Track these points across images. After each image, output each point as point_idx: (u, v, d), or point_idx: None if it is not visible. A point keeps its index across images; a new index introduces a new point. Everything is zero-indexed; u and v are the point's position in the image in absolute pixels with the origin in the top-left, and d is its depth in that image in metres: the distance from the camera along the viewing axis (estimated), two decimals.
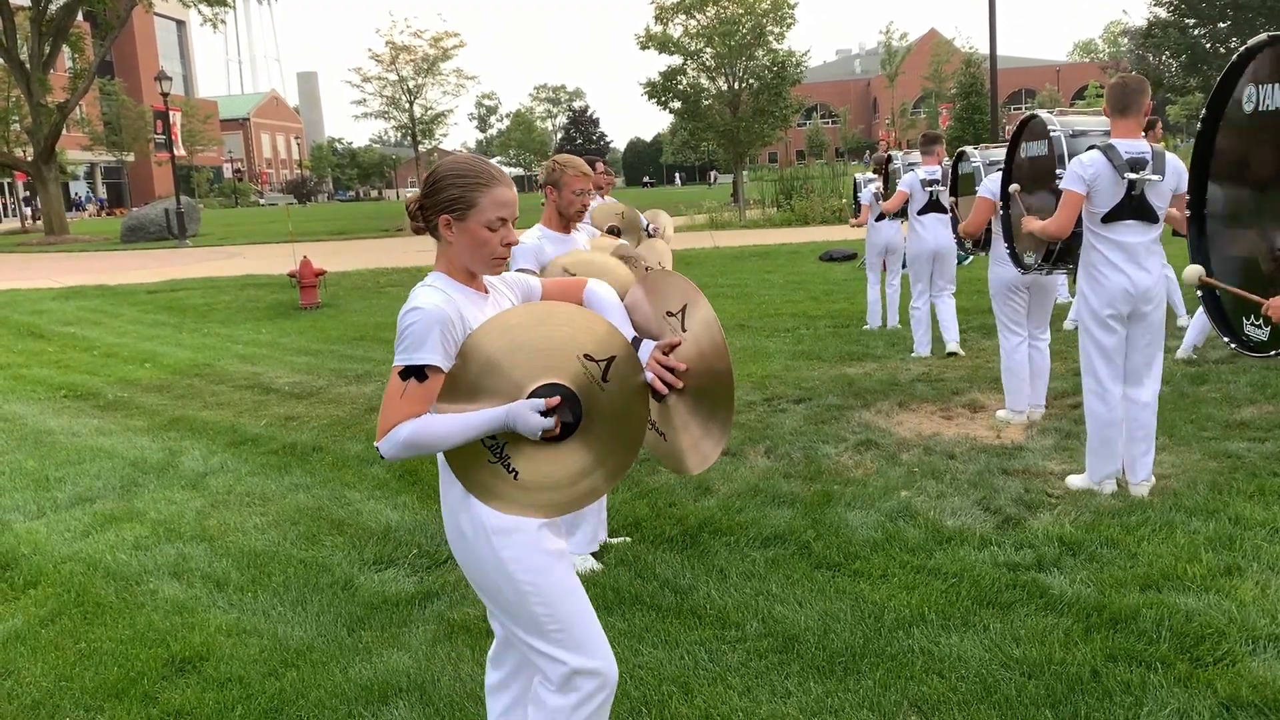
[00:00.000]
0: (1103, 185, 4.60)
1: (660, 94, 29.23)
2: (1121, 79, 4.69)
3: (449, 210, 2.24)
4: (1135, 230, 4.65)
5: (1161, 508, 4.63)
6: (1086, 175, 4.59)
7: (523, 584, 2.26)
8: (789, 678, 3.31)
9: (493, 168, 2.28)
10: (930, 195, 8.23)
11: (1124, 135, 4.64)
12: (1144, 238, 4.65)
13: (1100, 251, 4.70)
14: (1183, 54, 29.41)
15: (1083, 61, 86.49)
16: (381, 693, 3.35)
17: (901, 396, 7.09)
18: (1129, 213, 4.62)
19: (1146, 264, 4.67)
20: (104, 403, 8.31)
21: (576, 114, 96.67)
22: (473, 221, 2.23)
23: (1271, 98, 3.30)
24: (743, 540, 4.52)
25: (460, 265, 2.28)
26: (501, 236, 2.25)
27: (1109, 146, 4.61)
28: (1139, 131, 4.66)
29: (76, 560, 4.73)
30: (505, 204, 2.24)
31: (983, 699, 3.12)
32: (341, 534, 4.91)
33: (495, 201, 2.23)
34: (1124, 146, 4.59)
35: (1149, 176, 4.56)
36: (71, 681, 3.56)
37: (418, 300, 2.19)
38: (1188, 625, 3.48)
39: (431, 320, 2.15)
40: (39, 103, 31.81)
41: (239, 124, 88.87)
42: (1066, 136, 5.14)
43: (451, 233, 2.24)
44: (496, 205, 2.23)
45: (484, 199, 2.23)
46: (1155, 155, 4.61)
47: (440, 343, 2.16)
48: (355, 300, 14.48)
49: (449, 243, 2.26)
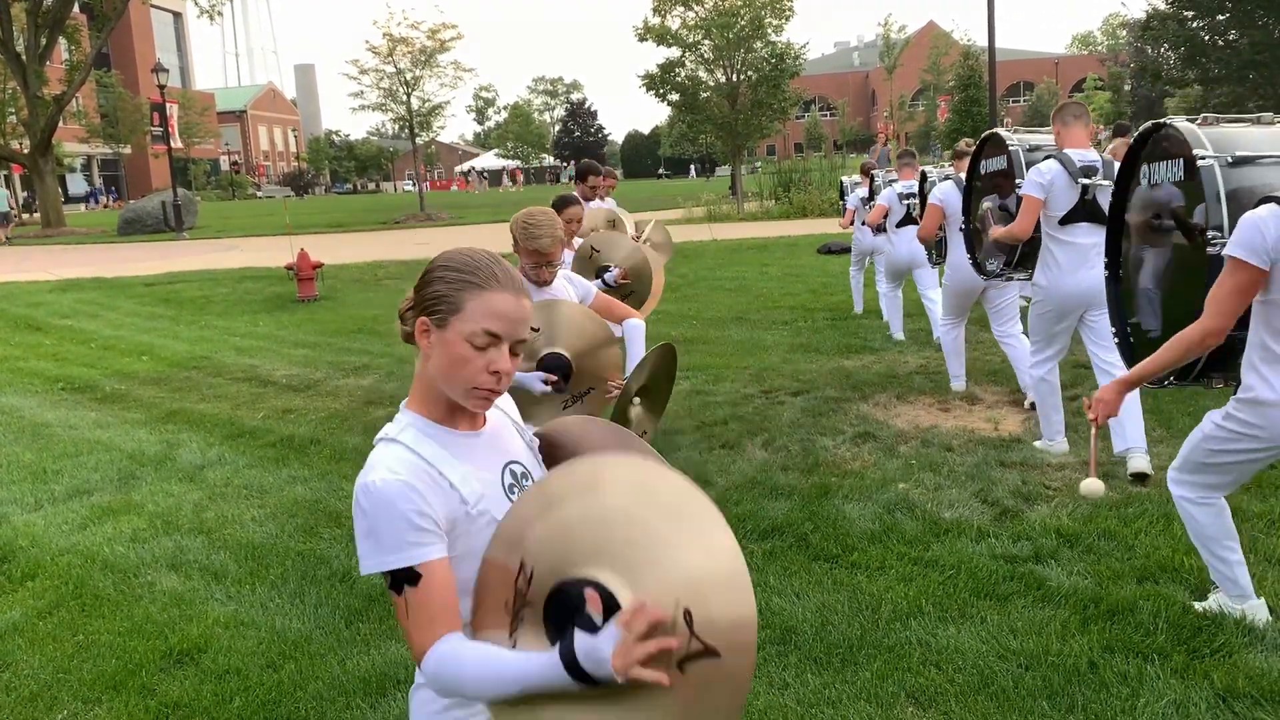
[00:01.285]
0: (1059, 190, 5.06)
1: (658, 86, 29.14)
2: (1065, 100, 5.45)
3: (428, 311, 1.66)
4: (1087, 232, 5.04)
5: (1159, 500, 4.63)
6: (1044, 181, 5.05)
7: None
8: (786, 669, 3.32)
9: (499, 268, 1.67)
10: (907, 209, 8.65)
11: (1075, 145, 5.17)
12: (1094, 239, 5.00)
13: (1054, 252, 5.13)
14: (1181, 46, 29.34)
15: (1081, 54, 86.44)
16: (379, 684, 3.36)
17: (899, 389, 7.09)
18: (1082, 215, 5.07)
19: (1097, 263, 4.89)
20: (101, 395, 8.30)
21: (574, 106, 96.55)
22: (453, 330, 1.63)
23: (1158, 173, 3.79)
24: (740, 532, 4.52)
25: (435, 394, 1.68)
26: (488, 361, 1.63)
27: (1064, 156, 5.09)
28: (1088, 143, 5.16)
29: (74, 553, 4.73)
30: (500, 316, 1.63)
31: (980, 690, 3.12)
32: (339, 526, 4.91)
33: (487, 310, 1.62)
34: (1077, 156, 5.08)
35: (1100, 182, 5.01)
36: (69, 673, 3.57)
37: (371, 472, 1.60)
38: (1184, 617, 3.49)
39: (391, 507, 1.56)
40: (35, 95, 31.69)
41: (236, 116, 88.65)
42: (1023, 150, 5.61)
43: (428, 342, 1.66)
44: (487, 315, 1.62)
45: (472, 303, 1.62)
46: (1105, 164, 5.07)
47: (412, 528, 1.56)
48: (353, 293, 14.47)
49: (425, 357, 1.68)
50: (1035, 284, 5.28)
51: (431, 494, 1.59)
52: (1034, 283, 5.31)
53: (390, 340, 10.33)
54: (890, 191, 8.86)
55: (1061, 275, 5.09)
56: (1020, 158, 5.57)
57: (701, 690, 1.36)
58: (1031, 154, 5.55)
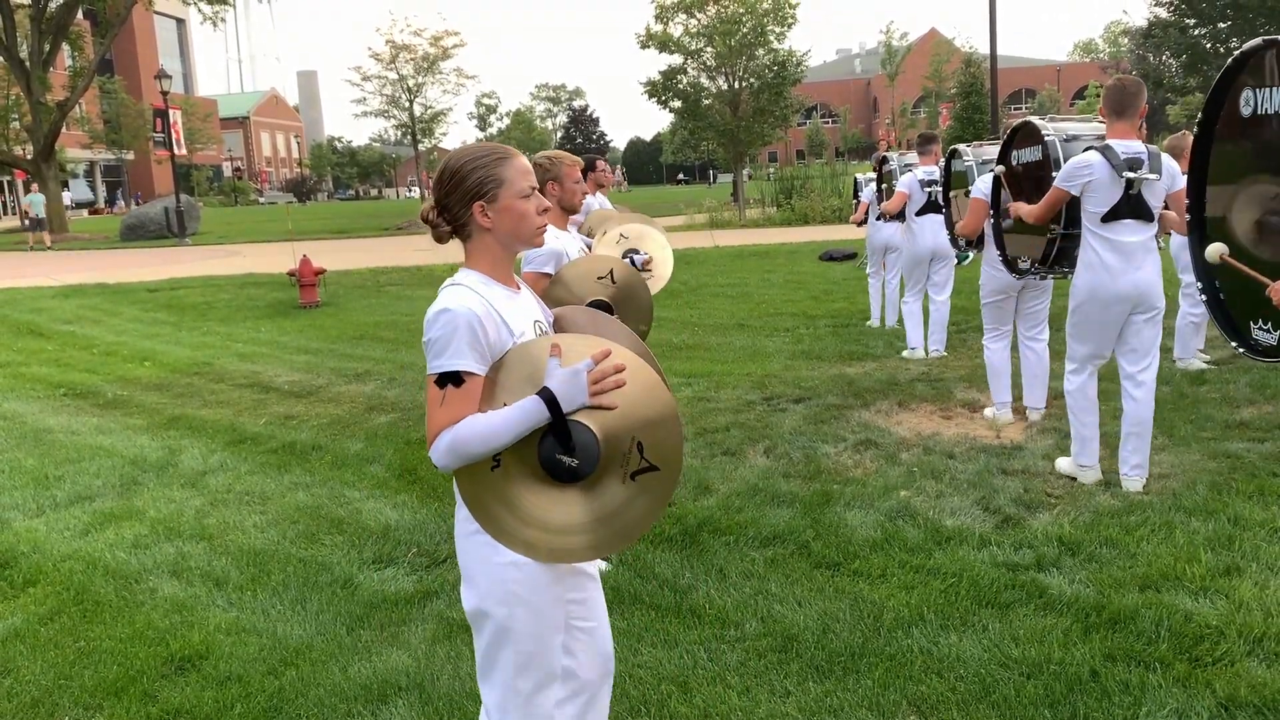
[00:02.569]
0: (1101, 185, 4.66)
1: (660, 93, 29.22)
2: (1119, 81, 4.77)
3: (480, 195, 2.14)
4: (1132, 229, 4.72)
5: (1161, 508, 4.63)
6: (1081, 176, 4.67)
7: (514, 622, 2.15)
8: (788, 677, 3.31)
9: (498, 144, 2.23)
10: (929, 196, 8.21)
11: (1120, 136, 4.71)
12: (1140, 236, 4.72)
13: (1097, 251, 4.76)
14: (1183, 54, 29.43)
15: (1083, 61, 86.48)
16: (381, 691, 3.36)
17: (901, 396, 7.09)
18: (1126, 212, 4.69)
19: (1143, 262, 4.74)
20: (103, 401, 8.31)
21: (577, 113, 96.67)
22: (506, 198, 2.14)
23: (1270, 101, 3.21)
24: (742, 540, 4.52)
25: (499, 257, 2.18)
26: (537, 203, 2.19)
27: (1106, 147, 4.68)
28: (1134, 133, 4.73)
29: (76, 559, 4.73)
30: (529, 171, 2.18)
31: (981, 699, 3.12)
32: (341, 533, 4.91)
33: (520, 171, 2.17)
34: (1120, 147, 4.67)
35: (1146, 175, 4.63)
36: (71, 680, 3.57)
37: (445, 301, 2.07)
38: (1187, 625, 3.48)
39: (459, 322, 2.02)
40: (38, 101, 31.79)
41: (239, 123, 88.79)
42: (1061, 141, 5.16)
43: (488, 219, 2.15)
44: (523, 174, 2.17)
45: (510, 171, 2.15)
46: (1151, 155, 4.68)
47: (470, 345, 2.03)
48: (355, 299, 14.48)
49: (485, 230, 2.16)
50: (1074, 286, 4.92)
51: (489, 325, 2.06)
52: (1073, 284, 4.94)
53: (392, 346, 10.34)
54: (911, 177, 8.32)
55: (1105, 276, 4.72)
56: (1057, 148, 5.12)
57: (642, 489, 2.06)
58: (1069, 145, 5.13)
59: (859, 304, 11.11)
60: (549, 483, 2.05)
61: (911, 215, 8.44)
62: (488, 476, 2.08)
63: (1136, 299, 4.75)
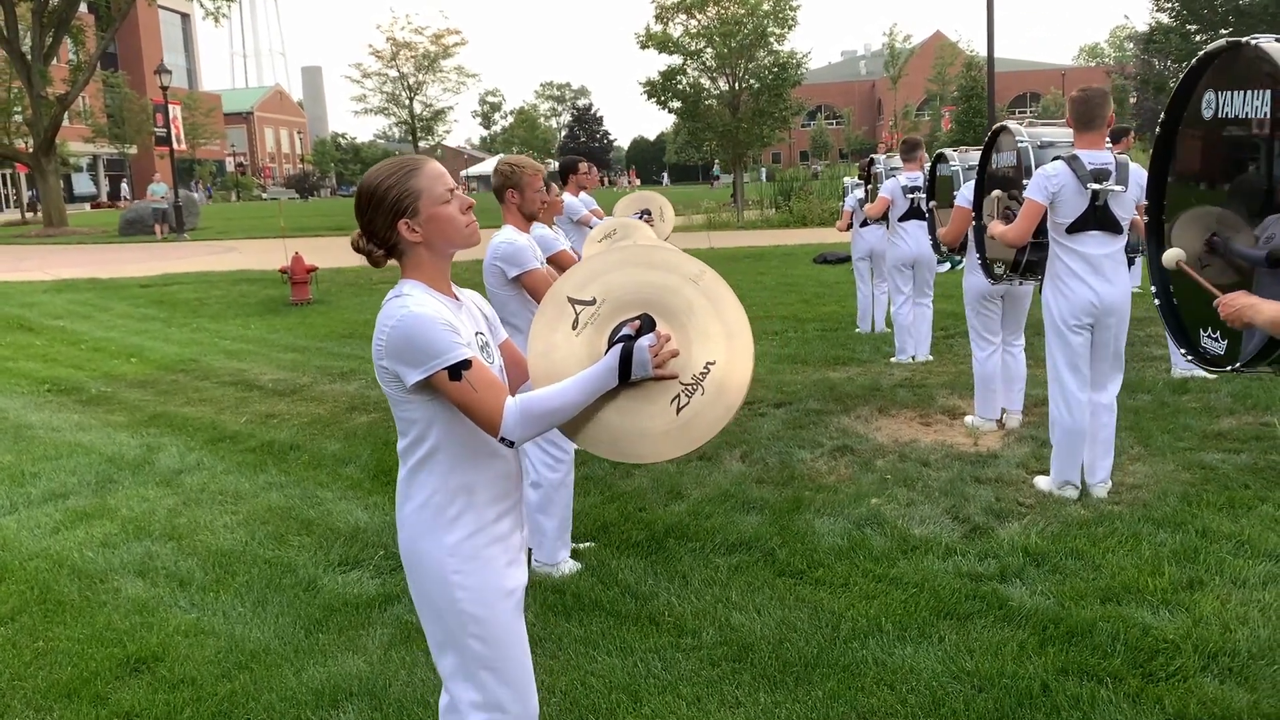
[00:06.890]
0: (1066, 196, 4.63)
1: (660, 94, 29.17)
2: (1083, 92, 4.73)
3: (401, 212, 2.13)
4: (1099, 241, 4.69)
5: (1130, 519, 4.61)
6: (1050, 186, 4.63)
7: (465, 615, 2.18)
8: (740, 687, 3.30)
9: (407, 156, 2.23)
10: (911, 202, 8.19)
11: (1087, 147, 4.68)
12: (1108, 249, 4.70)
13: (1065, 262, 4.75)
14: (1184, 59, 29.35)
15: (1088, 66, 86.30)
16: (332, 696, 3.35)
17: (882, 402, 7.07)
18: (1093, 223, 4.67)
19: (1111, 275, 4.71)
20: (87, 397, 8.31)
21: (581, 112, 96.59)
22: (427, 207, 2.13)
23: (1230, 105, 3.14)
24: (708, 546, 4.51)
25: (436, 268, 2.19)
26: (459, 204, 2.18)
27: (1073, 157, 4.65)
28: (1102, 143, 4.70)
29: (43, 557, 4.73)
30: (442, 175, 2.17)
31: (931, 712, 3.10)
32: (309, 534, 4.90)
33: (433, 177, 2.15)
34: (1087, 157, 4.64)
35: (1111, 187, 4.62)
36: (24, 681, 3.56)
37: (409, 306, 2.07)
38: (1143, 639, 3.47)
39: (432, 323, 2.05)
40: (39, 94, 31.77)
41: (242, 118, 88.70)
42: (1034, 148, 5.16)
43: (416, 232, 2.14)
44: (437, 179, 2.15)
45: (424, 180, 2.14)
46: (1119, 166, 4.66)
47: (455, 335, 2.07)
48: (346, 297, 14.46)
49: (416, 244, 2.16)
50: (1043, 297, 4.90)
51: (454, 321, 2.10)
52: (1042, 296, 4.93)
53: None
54: (894, 183, 8.30)
55: (1072, 288, 4.71)
56: (1030, 156, 5.13)
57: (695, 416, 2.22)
58: (1041, 151, 5.11)
59: (850, 307, 11.07)
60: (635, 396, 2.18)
61: (894, 220, 8.41)
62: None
63: (1103, 311, 4.73)
